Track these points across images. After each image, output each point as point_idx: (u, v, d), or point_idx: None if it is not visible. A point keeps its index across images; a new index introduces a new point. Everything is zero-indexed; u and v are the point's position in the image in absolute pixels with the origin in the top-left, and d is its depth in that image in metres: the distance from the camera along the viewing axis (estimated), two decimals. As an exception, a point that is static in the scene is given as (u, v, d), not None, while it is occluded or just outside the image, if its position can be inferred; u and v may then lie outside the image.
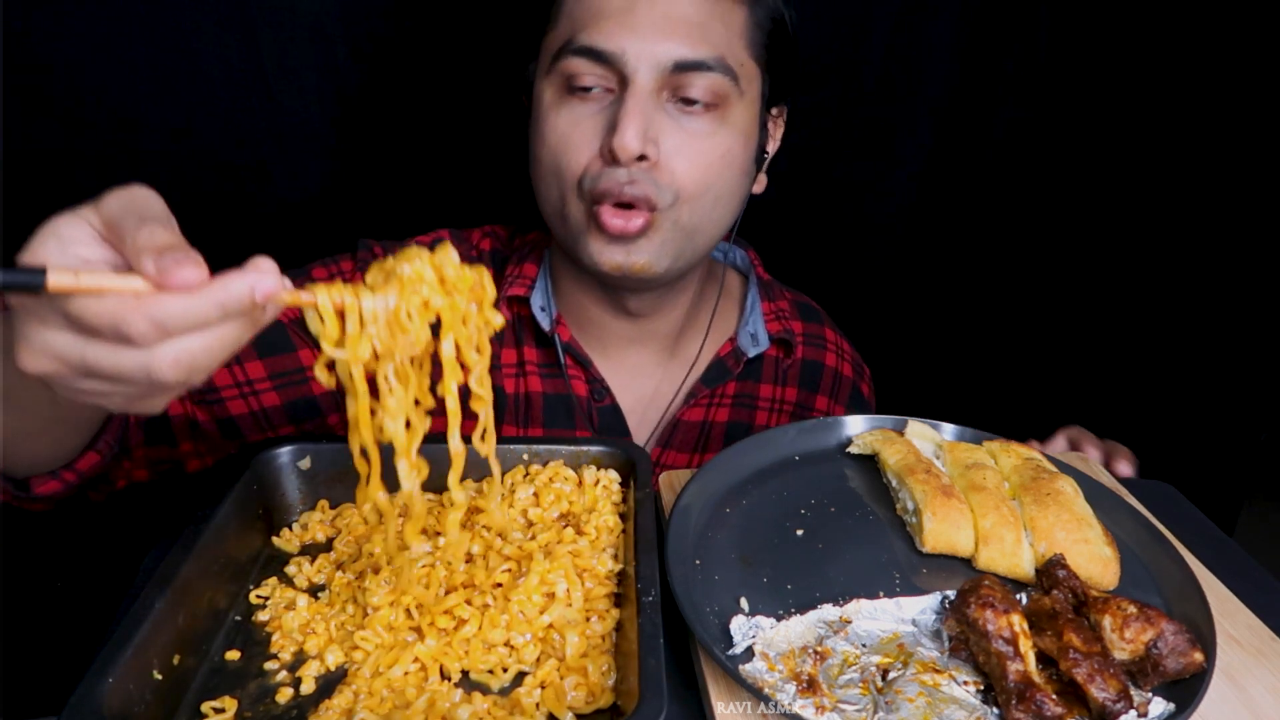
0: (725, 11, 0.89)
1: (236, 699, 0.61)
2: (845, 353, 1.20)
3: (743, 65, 0.90)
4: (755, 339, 1.09)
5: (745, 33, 0.91)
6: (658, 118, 0.88)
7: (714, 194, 0.92)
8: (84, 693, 0.53)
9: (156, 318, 0.48)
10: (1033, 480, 0.80)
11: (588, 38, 0.86)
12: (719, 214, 0.95)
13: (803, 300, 1.21)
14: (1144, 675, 0.62)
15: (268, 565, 0.75)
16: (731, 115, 0.91)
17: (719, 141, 0.90)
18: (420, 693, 0.61)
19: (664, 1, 0.86)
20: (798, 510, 0.81)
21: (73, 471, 0.77)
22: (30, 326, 0.50)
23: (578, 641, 0.65)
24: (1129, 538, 0.79)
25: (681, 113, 0.89)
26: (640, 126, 0.85)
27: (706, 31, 0.87)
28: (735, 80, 0.89)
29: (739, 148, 0.93)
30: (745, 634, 0.65)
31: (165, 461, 0.94)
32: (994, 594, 0.63)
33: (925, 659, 0.64)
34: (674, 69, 0.86)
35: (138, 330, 0.48)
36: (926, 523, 0.75)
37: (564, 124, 0.90)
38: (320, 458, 0.80)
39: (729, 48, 0.89)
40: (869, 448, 0.88)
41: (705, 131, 0.90)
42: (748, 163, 0.96)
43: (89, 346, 0.49)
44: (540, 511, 0.78)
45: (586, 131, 0.89)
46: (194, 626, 0.64)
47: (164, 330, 0.48)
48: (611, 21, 0.86)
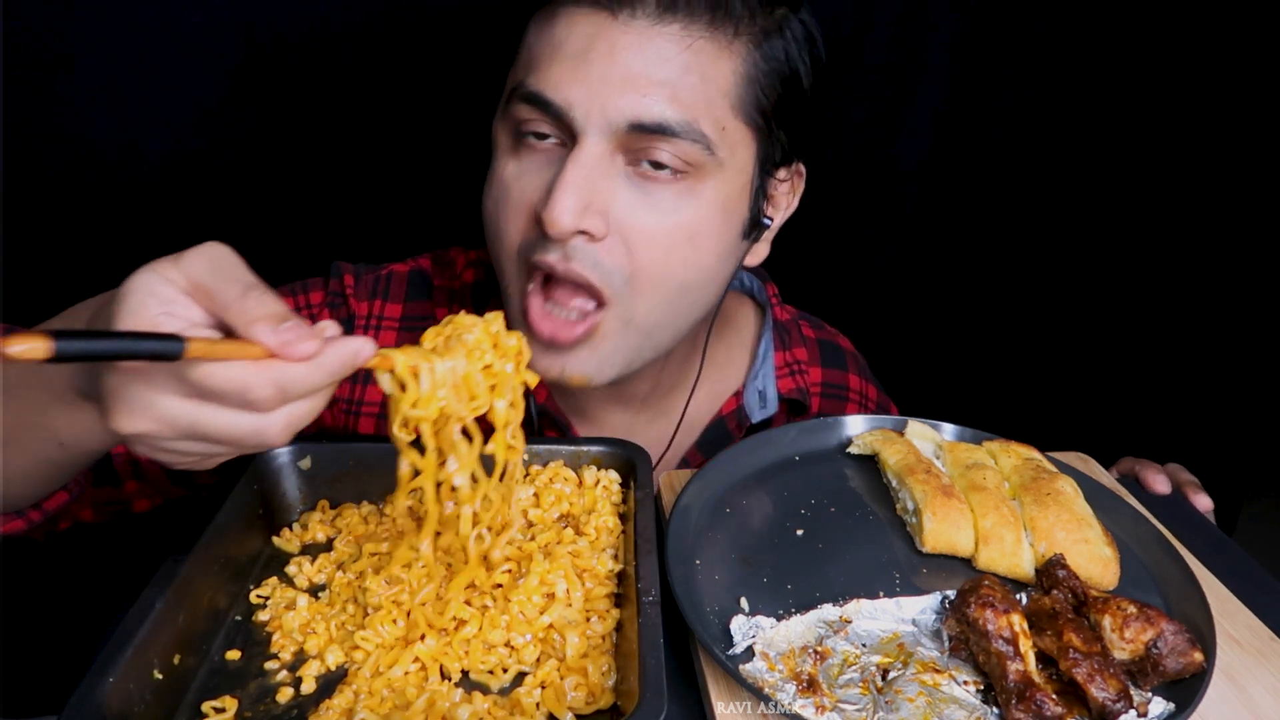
0: (706, 64, 0.74)
1: (237, 699, 0.61)
2: (870, 400, 1.09)
3: (724, 130, 0.76)
4: (763, 398, 0.97)
5: (733, 90, 0.76)
6: (607, 185, 0.74)
7: (678, 283, 0.78)
8: (84, 692, 0.53)
9: (280, 383, 0.50)
10: (1033, 480, 0.80)
11: (536, 82, 0.74)
12: (686, 306, 0.81)
13: (829, 339, 1.08)
14: (1144, 675, 0.62)
15: (268, 565, 0.75)
16: (704, 187, 0.76)
17: (686, 218, 0.76)
18: (420, 692, 0.61)
19: (627, 44, 0.72)
20: (798, 510, 0.81)
21: (39, 510, 0.75)
22: (134, 389, 0.50)
23: (578, 642, 0.65)
24: (1129, 538, 0.79)
25: (640, 179, 0.75)
26: (578, 195, 0.72)
27: (677, 89, 0.73)
28: (709, 149, 0.75)
29: (713, 226, 0.78)
30: (745, 634, 0.65)
31: (112, 502, 0.90)
32: (994, 594, 0.63)
33: (925, 659, 0.64)
34: (629, 130, 0.72)
35: (262, 395, 0.50)
36: (926, 523, 0.75)
37: (508, 178, 0.78)
38: (321, 458, 0.80)
39: (707, 109, 0.74)
40: (869, 448, 0.88)
41: (668, 205, 0.75)
42: (728, 242, 0.81)
43: (203, 410, 0.50)
44: (540, 512, 0.78)
45: (527, 189, 0.76)
46: (194, 626, 0.64)
47: (285, 396, 0.51)
48: (562, 67, 0.73)
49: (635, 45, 0.72)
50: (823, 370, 1.05)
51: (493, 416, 0.63)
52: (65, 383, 0.60)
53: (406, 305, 0.96)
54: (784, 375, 1.00)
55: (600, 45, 0.72)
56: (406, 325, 0.95)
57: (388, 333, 0.95)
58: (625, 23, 0.72)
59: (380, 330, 0.94)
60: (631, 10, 0.72)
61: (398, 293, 0.96)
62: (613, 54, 0.72)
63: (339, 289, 0.94)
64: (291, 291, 0.94)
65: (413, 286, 0.96)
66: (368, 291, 0.95)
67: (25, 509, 0.75)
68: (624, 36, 0.72)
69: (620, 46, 0.72)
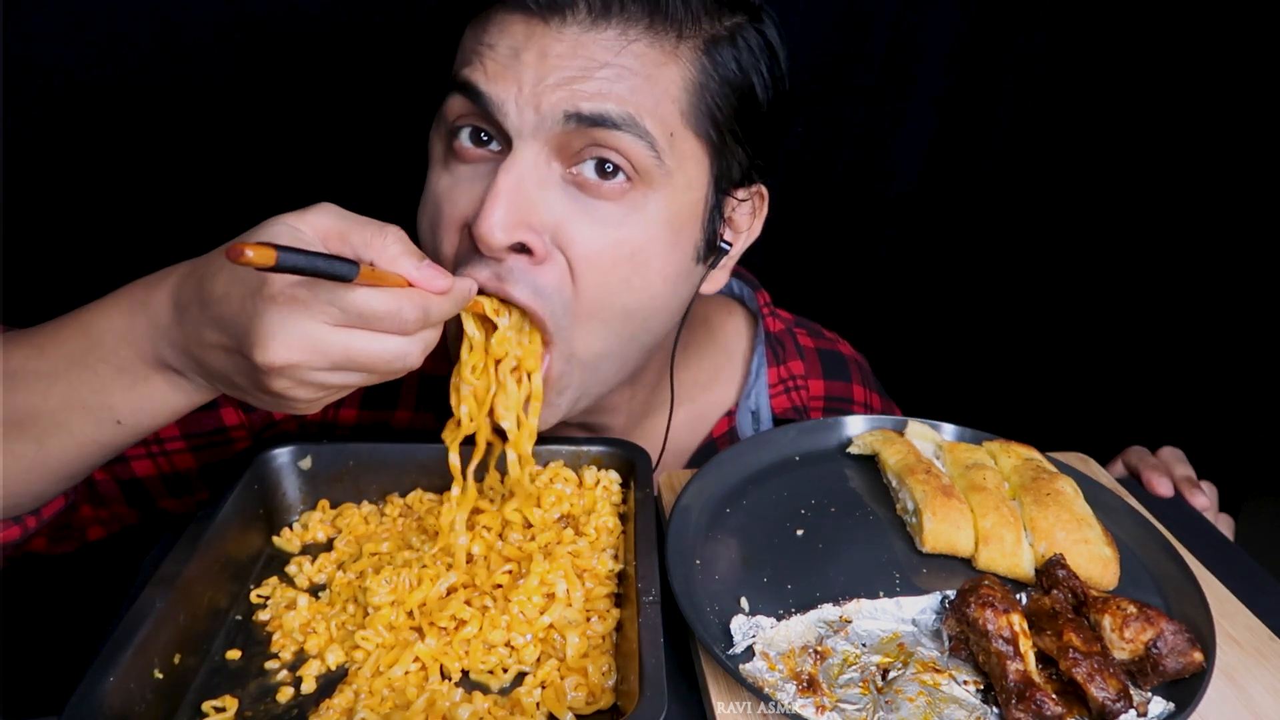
0: (649, 68, 0.69)
1: (237, 698, 0.61)
2: (875, 410, 1.05)
3: (672, 136, 0.70)
4: (757, 419, 0.94)
5: (681, 97, 0.71)
6: (543, 196, 0.69)
7: (620, 307, 0.73)
8: (85, 691, 0.53)
9: (426, 308, 0.58)
10: (1033, 480, 0.80)
11: (468, 72, 0.70)
12: (631, 335, 0.75)
13: (829, 347, 1.03)
14: (1144, 675, 0.62)
15: (268, 565, 0.75)
16: (650, 201, 0.71)
17: (629, 233, 0.71)
18: (420, 692, 0.61)
19: (561, 50, 0.67)
20: (798, 510, 0.81)
21: (36, 517, 0.74)
22: (292, 319, 0.55)
23: (578, 642, 0.65)
24: (1129, 538, 0.79)
25: (579, 190, 0.70)
26: (511, 206, 0.67)
27: (617, 86, 0.68)
28: (655, 151, 0.69)
29: (659, 245, 0.72)
30: (745, 633, 0.65)
31: (65, 528, 0.86)
32: (994, 594, 0.64)
33: (925, 659, 0.64)
34: (565, 121, 0.67)
35: (411, 317, 0.57)
36: (926, 523, 0.75)
37: (441, 190, 0.73)
38: (321, 458, 0.80)
39: (652, 107, 0.69)
40: (869, 448, 0.88)
41: (611, 219, 0.70)
42: (677, 265, 0.75)
43: (355, 336, 0.56)
44: (541, 513, 0.78)
45: (459, 202, 0.72)
46: (195, 626, 0.64)
47: (427, 320, 0.59)
48: (495, 63, 0.69)
49: (567, 50, 0.68)
50: (825, 383, 1.01)
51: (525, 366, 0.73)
52: (140, 355, 0.63)
53: None
54: (778, 393, 0.96)
55: (532, 48, 0.68)
56: None
57: None
58: (557, 29, 0.68)
59: None
60: (562, 17, 0.68)
61: None
62: (545, 58, 0.68)
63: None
64: None
65: None
66: None
67: (23, 516, 0.74)
68: (555, 43, 0.68)
69: (552, 52, 0.68)
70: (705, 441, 0.95)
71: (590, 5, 0.68)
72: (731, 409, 0.97)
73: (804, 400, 0.98)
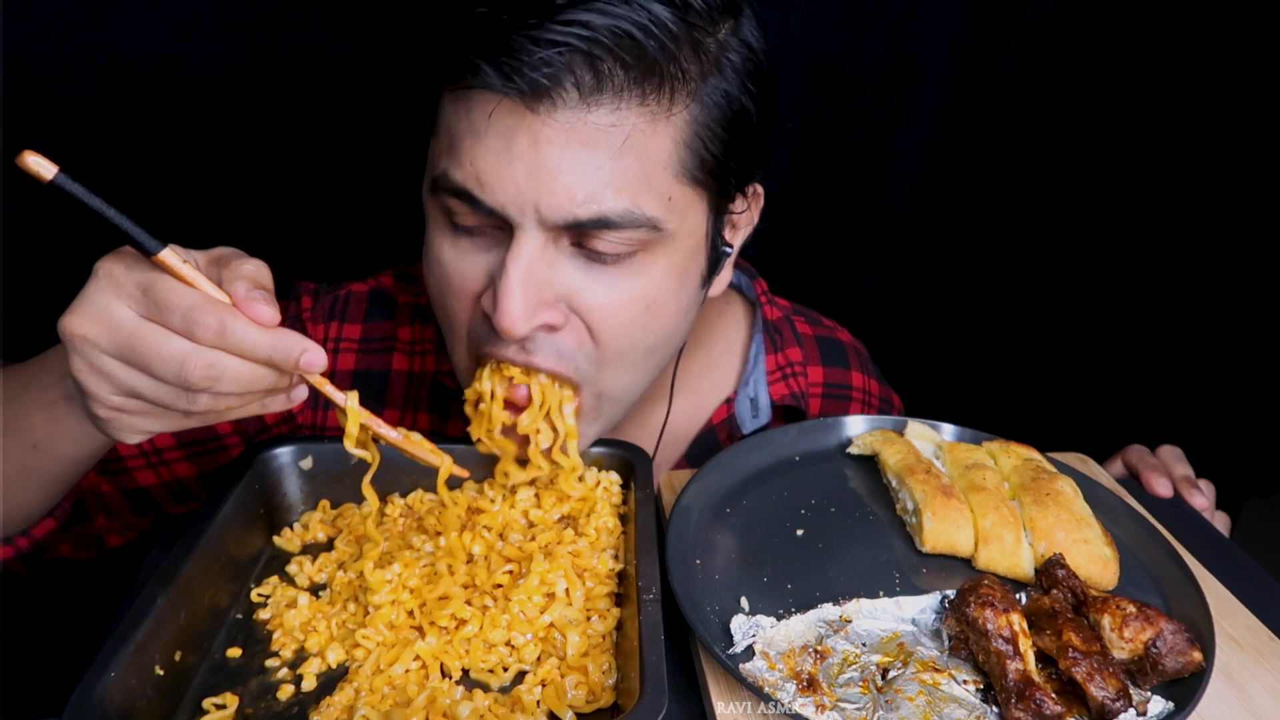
0: (641, 143, 0.67)
1: (238, 695, 0.61)
2: (873, 397, 1.06)
3: (670, 200, 0.70)
4: (755, 407, 0.94)
5: (673, 158, 0.69)
6: (556, 272, 0.70)
7: (643, 349, 0.76)
8: (87, 688, 0.53)
9: (224, 323, 0.54)
10: (1032, 480, 0.80)
11: (461, 178, 0.68)
12: (654, 365, 0.79)
13: (828, 334, 1.04)
14: (1143, 674, 0.62)
15: (269, 564, 0.75)
16: (656, 259, 0.72)
17: (641, 290, 0.72)
18: (421, 690, 0.61)
19: (550, 142, 0.65)
20: (798, 510, 0.81)
21: (27, 538, 0.77)
22: (101, 293, 0.55)
23: (578, 641, 0.65)
24: (1129, 538, 0.79)
25: (588, 260, 0.70)
26: (527, 295, 0.67)
27: (612, 177, 0.67)
28: (656, 228, 0.70)
29: (669, 291, 0.74)
30: (745, 633, 0.66)
31: (84, 537, 0.90)
32: (994, 593, 0.64)
33: (925, 658, 0.64)
34: (566, 228, 0.68)
35: (204, 323, 0.54)
36: (926, 523, 0.75)
37: (447, 261, 0.73)
38: (321, 457, 0.80)
39: (646, 188, 0.68)
40: (869, 448, 0.88)
41: (622, 281, 0.71)
42: (687, 299, 0.78)
43: (144, 325, 0.54)
44: (541, 513, 0.78)
45: (468, 277, 0.72)
46: (196, 624, 0.64)
47: (221, 338, 0.54)
48: (486, 162, 0.66)
49: (560, 139, 0.65)
50: (824, 370, 1.02)
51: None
52: (58, 380, 0.63)
53: (365, 326, 0.94)
54: (776, 380, 0.97)
55: (522, 140, 0.65)
56: (365, 347, 0.93)
57: (346, 354, 0.93)
58: (547, 114, 0.65)
59: (339, 353, 0.93)
60: (551, 103, 0.65)
61: (356, 313, 0.94)
62: (537, 148, 0.65)
63: (296, 312, 0.92)
64: None
65: (372, 306, 0.94)
66: (324, 313, 0.93)
67: (13, 536, 0.76)
68: (545, 130, 0.65)
69: (544, 140, 0.65)
70: (704, 429, 0.95)
71: (580, 85, 0.64)
72: (730, 397, 0.96)
73: (802, 387, 0.98)
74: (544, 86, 0.64)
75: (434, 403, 0.94)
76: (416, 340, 0.94)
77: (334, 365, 0.92)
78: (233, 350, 0.55)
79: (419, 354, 0.94)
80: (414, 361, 0.94)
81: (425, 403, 0.94)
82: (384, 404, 0.94)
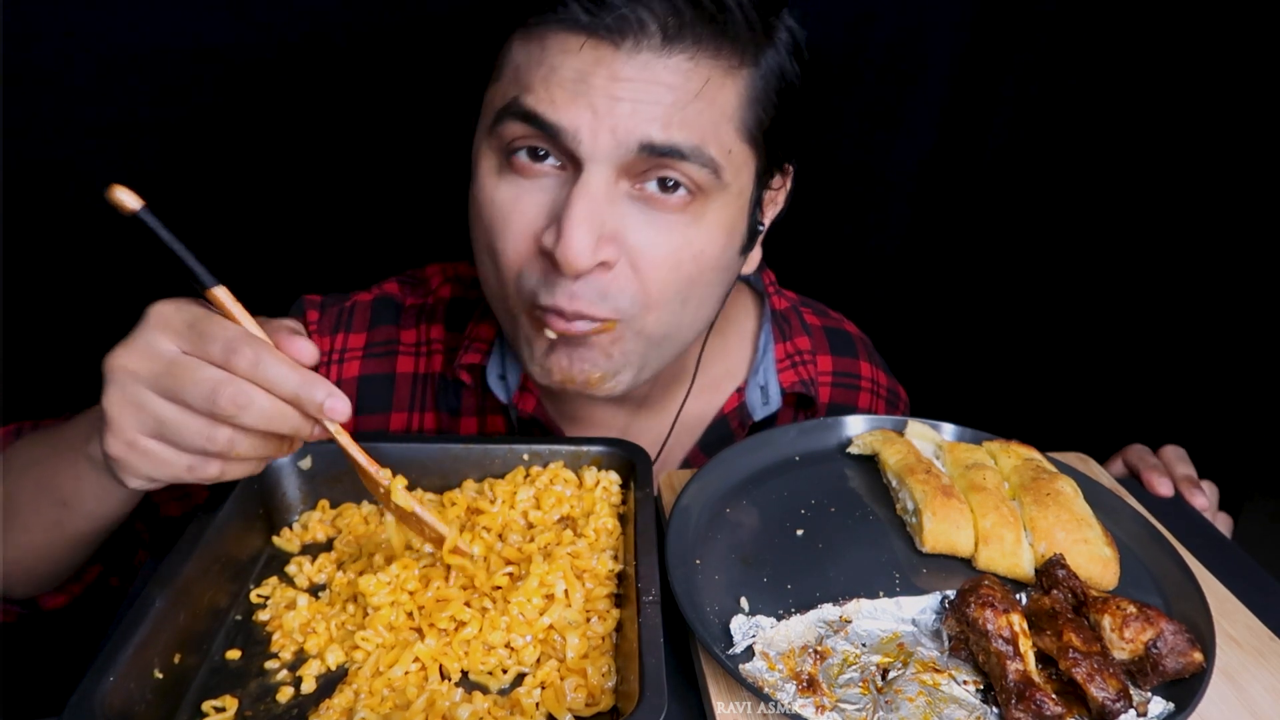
0: (713, 89, 0.71)
1: (237, 698, 0.61)
2: (881, 388, 1.06)
3: (730, 153, 0.73)
4: (765, 394, 0.95)
5: (737, 113, 0.73)
6: (615, 211, 0.71)
7: (683, 299, 0.77)
8: (85, 691, 0.53)
9: (260, 356, 0.57)
10: (1033, 480, 0.80)
11: (533, 102, 0.69)
12: (689, 320, 0.81)
13: (835, 325, 1.06)
14: (1143, 675, 0.62)
15: (268, 565, 0.75)
16: (709, 210, 0.75)
17: (692, 241, 0.74)
18: (420, 692, 0.61)
19: (631, 73, 0.67)
20: (798, 510, 0.81)
21: (79, 584, 0.82)
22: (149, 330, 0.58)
23: (578, 643, 0.65)
24: (1129, 538, 0.79)
25: (646, 204, 0.72)
26: (590, 230, 0.69)
27: (686, 113, 0.69)
28: (717, 173, 0.72)
29: (717, 246, 0.77)
30: (745, 633, 0.65)
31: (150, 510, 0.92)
32: (994, 594, 0.64)
33: (925, 658, 0.64)
34: (639, 153, 0.69)
35: (242, 353, 0.56)
36: (926, 523, 0.75)
37: (502, 201, 0.74)
38: (321, 457, 0.80)
39: (714, 133, 0.71)
40: (869, 448, 0.88)
41: (676, 229, 0.73)
42: (729, 260, 0.80)
43: (184, 356, 0.57)
44: (540, 514, 0.78)
45: (527, 214, 0.73)
46: (194, 626, 0.64)
47: (254, 370, 0.57)
48: (564, 89, 0.68)
49: (640, 76, 0.68)
50: (833, 359, 1.03)
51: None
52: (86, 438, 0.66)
53: (370, 333, 0.95)
54: (785, 368, 0.98)
55: (601, 73, 0.68)
56: (369, 352, 0.95)
57: (351, 362, 0.94)
58: (629, 53, 0.68)
59: (344, 362, 0.94)
60: (635, 42, 0.67)
61: (361, 322, 0.95)
62: (615, 82, 0.68)
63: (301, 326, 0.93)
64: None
65: (376, 313, 0.96)
66: (330, 326, 0.95)
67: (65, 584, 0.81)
68: (625, 68, 0.68)
69: (623, 76, 0.68)
70: (717, 417, 0.96)
71: (665, 29, 0.67)
72: (741, 385, 0.98)
73: (812, 374, 0.99)
74: (629, 24, 0.67)
75: (441, 402, 0.95)
76: (421, 342, 0.95)
77: (340, 374, 0.94)
78: (263, 383, 0.57)
79: (424, 355, 0.95)
80: (419, 363, 0.95)
81: (432, 403, 0.95)
82: (389, 407, 0.95)
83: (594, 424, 0.97)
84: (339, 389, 0.60)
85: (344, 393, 0.65)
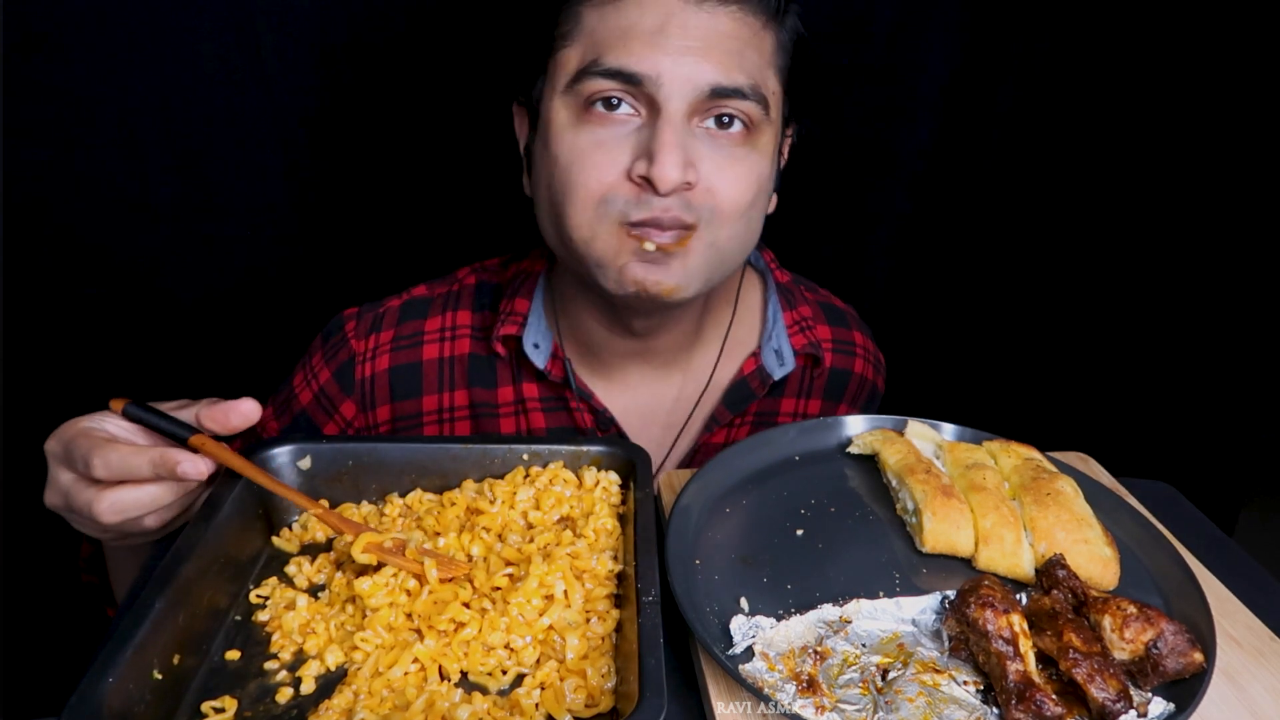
0: (758, 37, 0.86)
1: (236, 699, 0.61)
2: (870, 354, 1.16)
3: (774, 93, 0.89)
4: (780, 357, 1.05)
5: (774, 59, 0.89)
6: (691, 143, 0.84)
7: (745, 217, 0.90)
8: (84, 692, 0.53)
9: (107, 458, 0.70)
10: (1033, 480, 0.80)
11: (616, 59, 0.82)
12: (747, 237, 0.93)
13: (827, 300, 1.17)
14: (1144, 675, 0.62)
15: (268, 565, 0.75)
16: (761, 140, 0.88)
17: (751, 165, 0.88)
18: (420, 693, 0.61)
19: (698, 23, 0.83)
20: (798, 510, 0.81)
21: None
22: (50, 465, 0.75)
23: (578, 643, 0.65)
24: (1129, 538, 0.79)
25: (713, 137, 0.86)
26: (680, 155, 0.82)
27: (742, 58, 0.84)
28: (766, 108, 0.86)
29: (765, 172, 0.90)
30: (745, 634, 0.65)
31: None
32: (994, 594, 0.63)
33: (925, 659, 0.64)
34: (710, 94, 0.83)
35: (96, 463, 0.70)
36: (926, 523, 0.75)
37: (584, 144, 0.85)
38: (320, 458, 0.80)
39: (761, 74, 0.86)
40: (869, 448, 0.88)
41: (739, 155, 0.87)
42: (769, 189, 0.93)
43: (72, 484, 0.74)
44: (540, 515, 0.78)
45: (612, 153, 0.85)
46: (194, 626, 0.64)
47: (109, 469, 0.70)
48: (641, 43, 0.82)
49: (707, 23, 0.82)
50: (830, 328, 1.12)
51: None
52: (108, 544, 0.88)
53: (398, 328, 1.04)
54: (795, 333, 1.07)
55: (675, 23, 0.82)
56: (396, 345, 1.03)
57: (381, 358, 1.03)
58: (695, 7, 0.82)
59: (375, 358, 1.02)
60: None
61: (390, 322, 1.04)
62: (687, 30, 0.82)
63: (340, 339, 1.03)
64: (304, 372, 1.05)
65: (404, 313, 1.05)
66: (365, 330, 1.04)
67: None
68: (695, 17, 0.82)
69: (693, 26, 0.82)
70: (737, 378, 1.05)
71: None
72: (755, 350, 1.06)
73: (816, 338, 1.09)
74: None
75: (474, 378, 1.03)
76: (446, 328, 1.04)
77: (372, 369, 1.03)
78: (124, 478, 0.71)
79: (448, 339, 1.04)
80: (443, 348, 1.04)
81: (464, 380, 1.03)
82: (420, 392, 1.03)
83: (621, 380, 1.04)
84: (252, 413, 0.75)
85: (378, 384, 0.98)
